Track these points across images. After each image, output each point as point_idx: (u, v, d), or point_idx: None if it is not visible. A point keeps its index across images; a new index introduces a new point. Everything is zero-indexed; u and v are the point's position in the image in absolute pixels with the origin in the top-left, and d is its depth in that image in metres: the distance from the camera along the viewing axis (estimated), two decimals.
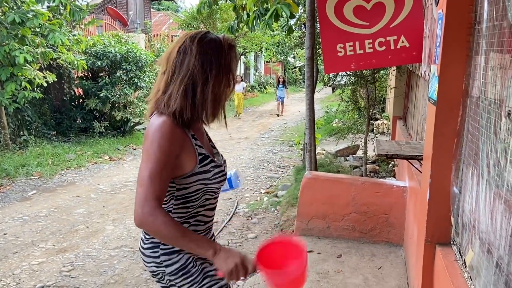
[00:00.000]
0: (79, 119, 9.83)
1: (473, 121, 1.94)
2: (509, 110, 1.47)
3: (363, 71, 5.37)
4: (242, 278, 1.48)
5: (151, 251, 1.62)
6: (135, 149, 9.33)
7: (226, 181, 1.94)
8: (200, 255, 1.56)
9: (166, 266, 1.60)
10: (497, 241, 1.52)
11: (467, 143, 2.02)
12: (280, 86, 16.64)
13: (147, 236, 1.65)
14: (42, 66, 7.69)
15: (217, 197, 1.71)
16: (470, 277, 1.81)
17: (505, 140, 1.51)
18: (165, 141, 1.45)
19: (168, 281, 1.63)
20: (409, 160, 3.12)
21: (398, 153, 2.82)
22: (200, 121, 1.67)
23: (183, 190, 1.57)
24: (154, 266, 1.62)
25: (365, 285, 3.37)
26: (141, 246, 1.68)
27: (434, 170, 2.19)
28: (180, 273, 1.60)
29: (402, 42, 4.08)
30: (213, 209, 1.72)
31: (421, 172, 3.31)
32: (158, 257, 1.60)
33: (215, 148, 1.78)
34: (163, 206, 1.59)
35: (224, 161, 1.78)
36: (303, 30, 6.64)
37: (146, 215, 1.39)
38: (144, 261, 1.67)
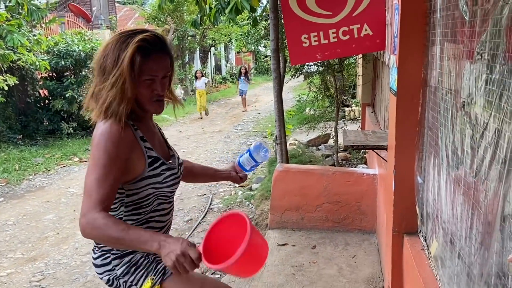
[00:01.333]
0: (45, 121, 9.57)
1: (432, 111, 1.95)
2: (463, 101, 1.47)
3: (330, 60, 5.37)
4: (191, 269, 1.32)
5: (101, 259, 1.58)
6: None
7: (250, 157, 1.88)
8: (148, 251, 1.47)
9: (118, 267, 1.57)
10: (458, 232, 1.53)
11: (428, 133, 2.03)
12: (241, 78, 15.02)
13: (96, 247, 1.62)
14: (2, 69, 7.42)
15: (171, 201, 1.66)
16: (436, 266, 1.83)
17: (461, 130, 1.51)
18: (112, 144, 1.40)
19: (124, 283, 1.59)
20: (376, 150, 3.14)
21: (364, 144, 2.83)
22: (150, 121, 1.64)
23: (133, 196, 1.52)
24: (107, 275, 1.59)
25: (340, 275, 3.39)
26: (93, 258, 1.64)
27: (398, 160, 2.19)
28: (132, 269, 1.57)
29: (366, 30, 4.08)
30: (168, 213, 1.66)
31: (385, 161, 3.34)
32: (110, 263, 1.57)
33: (170, 149, 1.72)
34: (113, 213, 1.54)
35: (180, 163, 1.73)
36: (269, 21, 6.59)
37: (85, 223, 1.32)
38: (97, 273, 1.63)
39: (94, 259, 1.62)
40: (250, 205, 5.39)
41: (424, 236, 2.09)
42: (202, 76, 14.09)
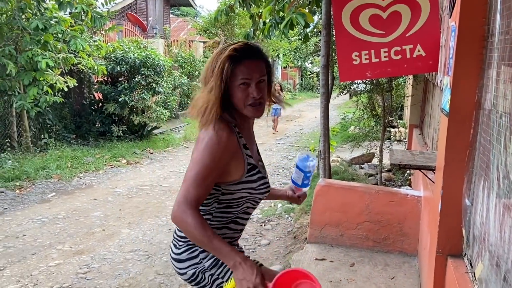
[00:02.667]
0: (98, 123, 10.01)
1: (485, 133, 1.94)
2: None
3: (379, 79, 5.36)
4: None
5: (188, 253, 1.65)
6: (151, 153, 9.45)
7: (299, 171, 1.90)
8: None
9: (206, 260, 1.64)
10: (505, 255, 1.52)
11: (479, 155, 2.02)
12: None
13: (180, 241, 1.68)
14: (63, 71, 7.86)
15: (256, 207, 1.76)
16: None
17: None
18: (218, 148, 1.51)
19: (210, 276, 1.65)
20: (423, 171, 3.11)
21: (411, 163, 2.82)
22: (251, 130, 1.75)
23: (227, 195, 1.62)
24: (193, 268, 1.65)
25: None
26: (174, 253, 1.70)
27: (446, 181, 2.19)
28: (220, 262, 1.64)
29: (418, 51, 4.06)
30: (248, 218, 1.77)
31: (434, 183, 3.30)
32: (197, 256, 1.64)
33: (261, 160, 1.81)
34: (205, 207, 1.65)
35: (264, 166, 1.82)
36: (320, 37, 6.67)
37: (179, 213, 1.46)
38: (179, 268, 1.68)
39: (178, 254, 1.68)
40: (289, 218, 5.42)
41: (469, 259, 2.07)
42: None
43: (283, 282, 1.52)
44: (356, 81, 6.00)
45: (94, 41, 8.61)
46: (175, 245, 1.71)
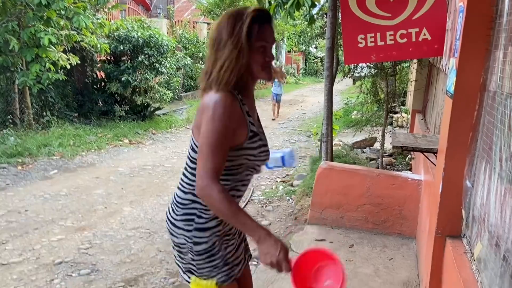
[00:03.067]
0: (100, 102, 9.99)
1: (489, 115, 1.94)
2: None
3: (384, 63, 5.33)
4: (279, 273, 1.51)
5: (184, 223, 1.65)
6: (154, 134, 9.46)
7: (280, 158, 1.99)
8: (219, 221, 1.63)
9: (195, 243, 1.63)
10: (505, 235, 1.54)
11: (482, 138, 2.03)
12: (275, 80, 12.19)
13: (179, 207, 1.67)
14: (66, 48, 7.82)
15: (254, 175, 1.75)
16: (478, 269, 1.83)
17: None
18: (226, 116, 1.51)
19: (190, 258, 1.67)
20: (425, 153, 3.12)
21: (414, 146, 2.82)
22: (252, 98, 1.73)
23: (227, 162, 1.61)
24: (184, 239, 1.66)
25: (375, 275, 3.40)
26: (171, 216, 1.70)
27: (448, 163, 2.20)
28: (205, 255, 1.64)
29: (424, 34, 4.04)
30: (247, 185, 1.76)
31: (435, 165, 3.31)
32: (191, 231, 1.63)
33: (261, 127, 1.81)
34: None
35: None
36: (325, 20, 6.61)
37: (205, 187, 1.47)
38: (172, 231, 1.69)
39: (175, 220, 1.68)
40: (290, 200, 5.45)
41: (467, 240, 2.09)
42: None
43: (306, 260, 1.54)
44: (360, 65, 5.96)
45: (97, 18, 8.53)
46: (173, 209, 1.70)
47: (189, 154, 1.68)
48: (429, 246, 2.42)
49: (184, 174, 1.71)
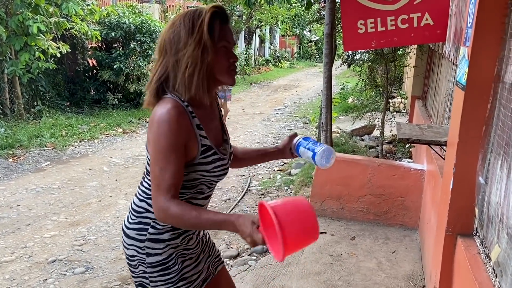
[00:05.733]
0: (92, 91, 9.80)
1: (504, 108, 1.83)
2: None
3: (383, 49, 5.19)
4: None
5: (136, 232, 1.54)
6: (148, 122, 9.29)
7: (311, 157, 1.63)
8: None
9: (148, 255, 1.53)
10: None
11: (496, 132, 1.91)
12: None
13: (133, 215, 1.57)
14: (56, 36, 7.60)
15: (213, 187, 1.63)
16: (495, 273, 1.73)
17: None
18: (172, 133, 1.38)
19: (141, 271, 1.57)
20: (432, 146, 3.01)
21: (420, 138, 2.71)
22: (210, 106, 1.58)
23: None
24: (135, 250, 1.55)
25: (379, 269, 3.32)
26: (125, 224, 1.60)
27: (459, 158, 2.08)
28: (159, 268, 1.54)
29: (426, 19, 3.90)
30: (207, 198, 1.63)
31: (442, 157, 3.21)
32: (143, 241, 1.53)
33: (226, 134, 1.67)
34: None
35: (231, 152, 1.67)
36: (322, 4, 6.43)
37: (161, 210, 1.38)
38: (124, 241, 1.59)
39: (128, 228, 1.57)
40: (288, 190, 5.35)
41: (481, 240, 1.99)
42: None
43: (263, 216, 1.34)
44: (359, 50, 5.81)
45: (87, 5, 8.29)
46: (128, 217, 1.60)
47: (146, 163, 1.56)
48: (438, 244, 2.32)
49: (141, 182, 1.60)
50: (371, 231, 3.94)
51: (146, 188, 1.55)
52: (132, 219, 1.57)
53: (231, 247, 3.89)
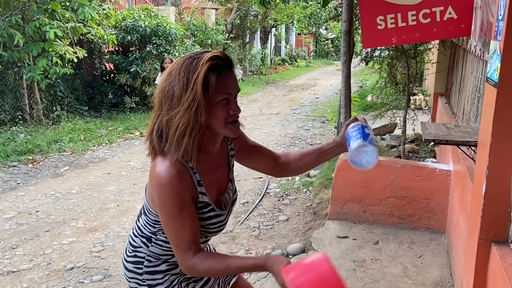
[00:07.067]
0: (110, 94, 9.83)
1: None
2: None
3: (404, 45, 5.02)
4: None
5: (134, 265, 1.51)
6: None
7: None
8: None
9: (150, 286, 1.50)
10: None
11: None
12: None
13: (131, 248, 1.53)
14: (73, 41, 7.64)
15: (208, 240, 1.57)
16: None
17: None
18: (177, 193, 1.32)
19: None
20: (460, 147, 2.86)
21: (448, 139, 2.56)
22: (211, 156, 1.48)
23: None
24: (136, 283, 1.52)
25: (405, 275, 3.18)
26: (124, 258, 1.57)
27: (493, 160, 1.94)
28: None
29: (450, 13, 3.74)
30: (205, 242, 1.57)
31: (470, 157, 3.05)
32: (141, 274, 1.50)
33: (231, 182, 1.57)
34: (151, 228, 1.49)
35: (234, 199, 1.60)
36: (339, 1, 6.29)
37: (188, 269, 1.38)
38: (125, 274, 1.56)
39: (127, 262, 1.55)
40: (308, 192, 5.23)
41: None
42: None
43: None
44: (378, 47, 5.66)
45: (103, 9, 8.31)
46: (126, 250, 1.57)
47: (145, 202, 1.51)
48: (470, 252, 2.19)
49: (138, 218, 1.56)
50: (395, 235, 3.80)
51: (141, 225, 1.52)
52: (129, 252, 1.55)
53: (250, 253, 3.80)
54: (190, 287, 1.53)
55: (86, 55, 8.02)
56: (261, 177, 5.81)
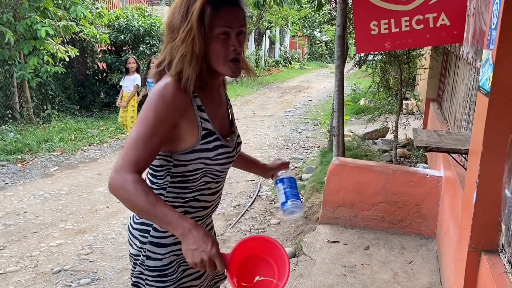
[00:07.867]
0: (102, 94, 9.77)
1: None
2: None
3: (397, 50, 5.03)
4: (210, 272, 1.36)
5: (140, 233, 1.46)
6: None
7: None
8: (169, 231, 1.36)
9: (147, 257, 1.44)
10: None
11: None
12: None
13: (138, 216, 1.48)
14: (64, 40, 7.57)
15: (220, 182, 1.51)
16: None
17: None
18: (163, 105, 1.28)
19: (139, 272, 1.48)
20: (451, 155, 2.87)
21: (439, 146, 2.56)
22: (220, 91, 1.51)
23: (180, 167, 1.39)
24: (137, 250, 1.47)
25: (395, 281, 3.17)
26: (130, 223, 1.52)
27: (483, 169, 1.94)
28: (156, 273, 1.45)
29: (442, 20, 3.75)
30: (214, 194, 1.52)
31: (461, 165, 3.06)
32: (145, 243, 1.44)
33: (233, 125, 1.57)
34: (158, 181, 1.43)
35: (238, 143, 1.57)
36: (333, 5, 6.30)
37: (115, 181, 1.24)
38: (130, 240, 1.51)
39: (133, 228, 1.49)
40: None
41: (508, 257, 1.85)
42: (137, 69, 7.44)
43: (243, 252, 1.35)
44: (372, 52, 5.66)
45: (96, 8, 8.25)
46: (133, 215, 1.51)
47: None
48: (460, 260, 2.18)
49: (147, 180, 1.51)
50: (386, 240, 3.80)
51: (149, 182, 1.46)
52: (136, 218, 1.49)
53: None
54: (184, 274, 1.48)
55: (78, 54, 7.96)
56: (253, 180, 5.79)
